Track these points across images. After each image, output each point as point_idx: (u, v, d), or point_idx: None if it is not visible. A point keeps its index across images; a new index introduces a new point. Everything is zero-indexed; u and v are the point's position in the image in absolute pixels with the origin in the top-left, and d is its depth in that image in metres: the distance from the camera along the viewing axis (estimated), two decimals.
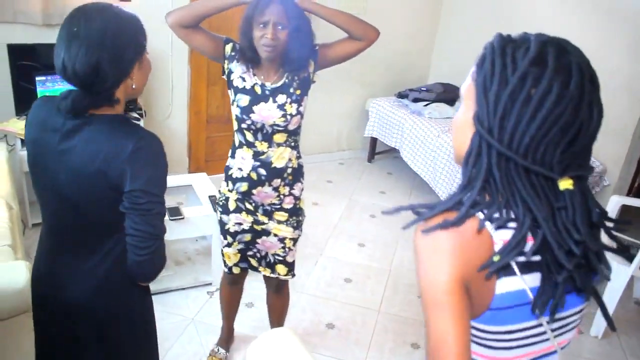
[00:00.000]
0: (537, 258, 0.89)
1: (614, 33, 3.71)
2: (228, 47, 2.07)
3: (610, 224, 0.95)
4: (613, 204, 3.30)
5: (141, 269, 1.36)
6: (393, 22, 4.91)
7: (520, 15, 4.20)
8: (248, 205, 2.17)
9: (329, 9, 2.04)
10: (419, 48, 5.21)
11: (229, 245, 2.27)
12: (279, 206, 2.18)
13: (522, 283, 0.89)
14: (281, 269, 2.29)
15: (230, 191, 2.18)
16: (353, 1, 4.65)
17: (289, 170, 2.15)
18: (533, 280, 0.90)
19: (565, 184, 0.87)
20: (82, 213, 1.39)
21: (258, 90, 2.04)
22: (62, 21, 1.34)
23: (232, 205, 2.19)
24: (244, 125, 2.06)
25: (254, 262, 2.31)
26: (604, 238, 0.96)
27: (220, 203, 2.23)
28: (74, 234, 1.43)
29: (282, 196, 2.16)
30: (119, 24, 1.32)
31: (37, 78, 3.27)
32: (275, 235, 2.21)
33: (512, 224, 0.88)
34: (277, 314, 2.54)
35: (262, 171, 2.09)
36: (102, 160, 1.30)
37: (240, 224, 2.21)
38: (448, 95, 4.57)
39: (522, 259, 0.88)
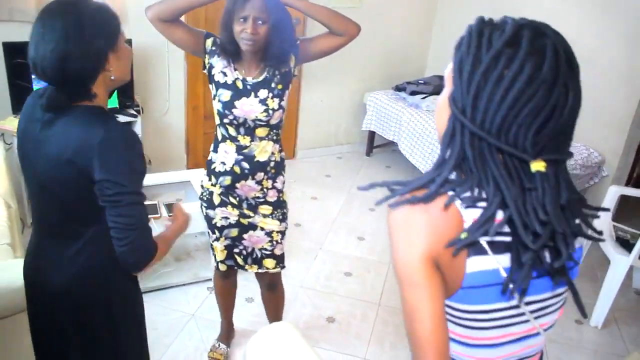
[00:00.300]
0: (507, 239, 0.90)
1: (612, 25, 3.71)
2: (209, 42, 2.06)
3: (588, 211, 0.95)
4: (612, 195, 3.31)
5: (124, 259, 1.36)
6: (389, 15, 4.90)
7: (519, 7, 4.19)
8: (232, 199, 2.18)
9: (309, 3, 2.03)
10: (416, 41, 5.20)
11: (217, 239, 2.27)
12: (262, 200, 2.19)
13: (495, 262, 0.90)
14: (269, 262, 2.29)
15: (214, 185, 2.18)
16: None
17: (272, 164, 2.15)
18: (507, 260, 0.91)
19: (537, 165, 0.87)
20: (60, 202, 1.41)
21: (239, 85, 2.03)
22: None
23: (216, 200, 2.19)
24: (226, 120, 2.06)
25: (240, 260, 2.31)
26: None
27: (205, 198, 2.23)
28: (55, 223, 1.45)
29: (265, 189, 2.17)
30: (84, 17, 1.31)
31: (34, 76, 3.26)
32: (262, 229, 2.22)
33: (483, 204, 0.90)
34: (273, 311, 2.54)
35: (246, 165, 2.10)
36: (73, 149, 1.31)
37: (227, 217, 2.21)
38: None
39: (491, 238, 0.89)
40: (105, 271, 1.45)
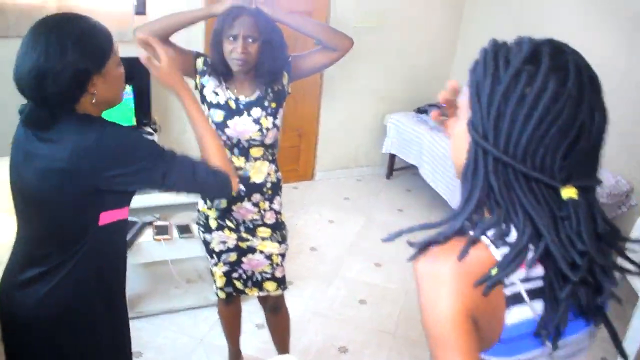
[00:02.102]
0: (540, 283, 0.83)
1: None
2: (199, 62, 2.02)
3: (622, 243, 0.87)
4: None
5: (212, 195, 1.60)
6: (412, 35, 4.84)
7: (543, 25, 4.09)
8: (229, 223, 2.11)
9: (300, 18, 2.00)
10: (439, 62, 5.11)
11: (215, 264, 2.20)
12: (260, 222, 2.12)
13: (530, 311, 0.83)
14: (270, 285, 2.22)
15: (209, 209, 2.12)
16: (369, 15, 4.58)
17: (268, 185, 2.09)
18: (541, 306, 0.84)
19: (569, 192, 0.81)
20: (45, 218, 1.37)
21: (232, 104, 1.98)
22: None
23: (213, 224, 2.13)
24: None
25: (239, 285, 2.23)
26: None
27: (201, 222, 2.17)
28: (35, 242, 1.41)
29: (262, 211, 2.10)
30: (70, 36, 1.26)
31: None
32: (262, 252, 2.15)
33: (513, 239, 0.82)
34: (279, 336, 2.46)
35: (241, 187, 2.03)
36: (67, 156, 1.27)
37: (224, 242, 2.14)
38: None
39: (529, 285, 0.82)
40: (76, 296, 1.40)
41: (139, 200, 3.11)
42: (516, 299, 0.82)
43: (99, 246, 1.38)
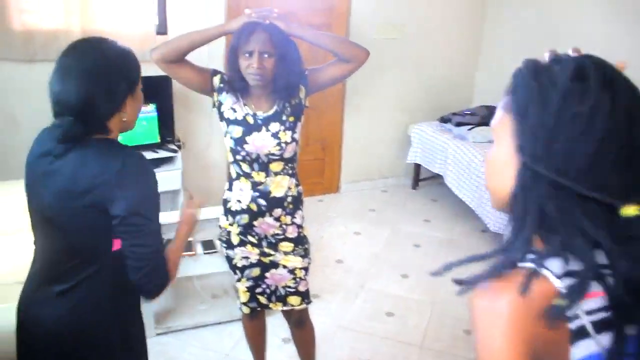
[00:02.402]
0: (605, 314, 0.78)
1: None
2: (216, 79, 2.04)
3: None
4: None
5: (141, 287, 1.38)
6: (434, 45, 4.82)
7: (567, 33, 4.03)
8: (251, 238, 2.11)
9: (315, 32, 2.01)
10: (462, 71, 5.07)
11: (238, 280, 2.20)
12: (282, 236, 2.11)
13: (596, 345, 0.77)
14: (294, 300, 2.20)
15: (231, 225, 2.12)
16: (391, 25, 4.58)
17: (289, 199, 2.08)
18: (608, 339, 0.78)
19: (630, 210, 0.75)
20: (65, 236, 1.40)
21: (250, 120, 1.99)
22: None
23: (235, 240, 2.13)
24: (238, 157, 2.02)
25: (263, 300, 2.23)
26: None
27: (223, 238, 2.17)
28: (55, 259, 1.43)
29: (284, 226, 2.10)
30: (112, 59, 1.36)
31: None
32: (285, 266, 2.14)
33: (575, 267, 0.77)
34: (305, 350, 2.44)
35: (262, 201, 2.03)
36: (89, 180, 1.31)
37: (247, 257, 2.14)
38: (492, 118, 4.40)
39: (593, 317, 0.77)
40: (99, 312, 1.42)
41: (163, 217, 3.16)
42: (581, 333, 0.77)
43: (114, 271, 1.40)
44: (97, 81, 1.32)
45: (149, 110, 3.55)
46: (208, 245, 2.88)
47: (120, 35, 3.62)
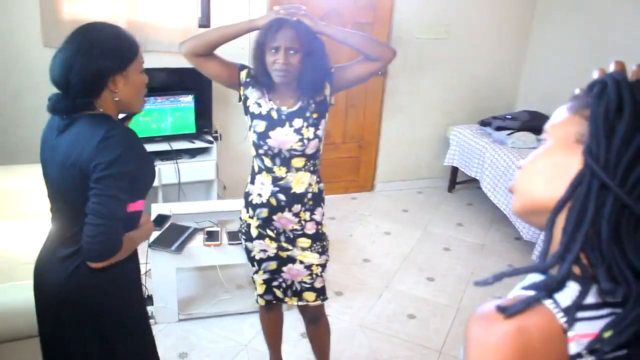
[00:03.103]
0: (623, 352, 0.71)
1: None
2: (243, 74, 2.07)
3: None
4: None
5: (88, 248, 1.41)
6: (478, 47, 4.73)
7: (615, 38, 3.89)
8: (270, 232, 2.14)
9: (342, 30, 2.02)
10: (506, 74, 4.95)
11: (256, 272, 2.24)
12: (300, 232, 2.13)
13: None
14: (309, 295, 2.22)
15: (251, 218, 2.15)
16: (435, 25, 4.53)
17: (309, 196, 2.09)
18: None
19: None
20: (69, 205, 1.50)
21: (274, 115, 2.01)
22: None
23: (254, 232, 2.16)
24: (261, 151, 2.04)
25: (279, 293, 2.25)
26: None
27: (243, 230, 2.21)
28: (62, 225, 1.54)
29: (303, 222, 2.11)
30: (99, 38, 1.44)
31: None
32: (302, 262, 2.16)
33: (604, 311, 0.71)
34: (318, 346, 2.46)
35: (282, 197, 2.05)
36: (77, 151, 1.41)
37: (265, 250, 2.17)
38: (535, 123, 4.29)
39: (605, 356, 0.70)
40: (94, 279, 1.50)
41: (196, 206, 3.23)
42: None
43: None
44: (74, 57, 1.40)
45: (187, 101, 3.63)
46: (234, 237, 2.92)
47: (164, 27, 3.72)
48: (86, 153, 1.40)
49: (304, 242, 2.15)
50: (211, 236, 2.92)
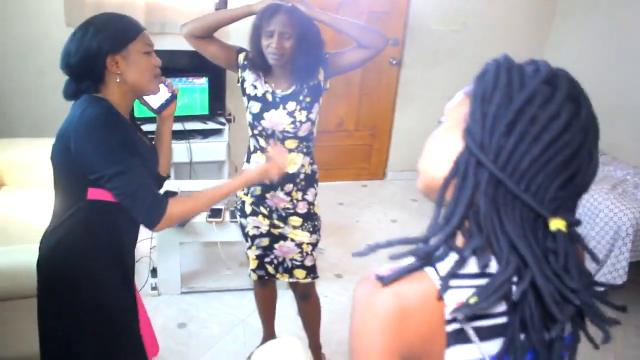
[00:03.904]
0: (500, 320, 0.77)
1: None
2: (241, 56, 2.14)
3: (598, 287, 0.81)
4: None
5: (140, 221, 1.51)
6: (495, 39, 4.70)
7: (633, 44, 3.85)
8: (263, 209, 2.23)
9: (335, 17, 2.06)
10: None
11: (249, 247, 2.32)
12: (292, 211, 2.21)
13: (478, 352, 0.76)
14: (299, 273, 2.30)
15: (246, 195, 2.25)
16: (452, 16, 4.54)
17: (302, 176, 2.18)
18: (493, 347, 0.76)
19: (558, 223, 0.75)
20: (53, 176, 1.57)
21: (269, 97, 2.09)
22: None
23: (248, 209, 2.25)
24: (256, 131, 2.14)
25: (270, 269, 2.34)
26: None
27: (238, 206, 2.31)
28: (56, 198, 1.59)
29: (295, 201, 2.20)
30: (94, 22, 1.50)
31: None
32: (292, 240, 2.24)
33: (482, 281, 0.75)
34: (308, 324, 2.54)
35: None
36: (63, 128, 1.49)
37: (258, 227, 2.26)
38: None
39: (484, 322, 0.76)
40: (72, 254, 1.54)
41: (203, 185, 3.34)
42: (460, 338, 0.75)
43: (87, 218, 1.53)
44: (72, 42, 1.48)
45: (201, 83, 3.74)
46: (236, 215, 3.02)
47: (182, 10, 3.82)
48: (68, 132, 1.46)
49: (295, 220, 2.23)
50: (214, 213, 3.03)
